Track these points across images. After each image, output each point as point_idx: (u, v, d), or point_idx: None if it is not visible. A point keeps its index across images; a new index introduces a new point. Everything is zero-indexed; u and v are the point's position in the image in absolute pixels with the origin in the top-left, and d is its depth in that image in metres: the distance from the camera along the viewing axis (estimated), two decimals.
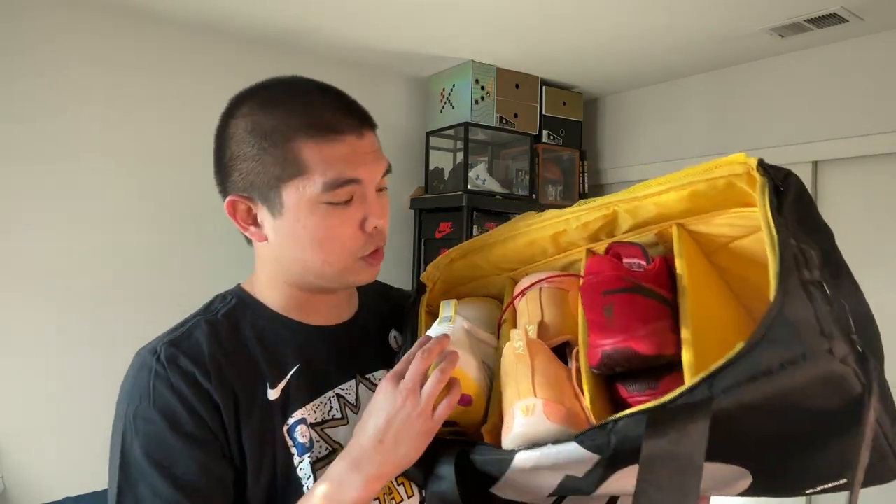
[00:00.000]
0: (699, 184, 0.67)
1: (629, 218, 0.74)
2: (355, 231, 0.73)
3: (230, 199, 0.74)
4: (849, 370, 0.49)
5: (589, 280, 0.67)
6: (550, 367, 0.67)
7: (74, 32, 2.25)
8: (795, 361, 0.49)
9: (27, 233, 2.17)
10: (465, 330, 0.75)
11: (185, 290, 2.57)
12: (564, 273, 0.82)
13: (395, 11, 2.27)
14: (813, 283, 0.53)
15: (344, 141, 0.70)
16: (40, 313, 2.18)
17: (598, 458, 0.57)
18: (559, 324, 0.75)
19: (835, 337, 0.49)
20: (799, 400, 0.51)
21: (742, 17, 2.23)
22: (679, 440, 0.50)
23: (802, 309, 0.51)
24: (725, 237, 0.73)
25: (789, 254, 0.53)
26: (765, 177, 0.60)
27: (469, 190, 2.78)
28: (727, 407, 0.51)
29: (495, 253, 0.85)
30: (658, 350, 0.62)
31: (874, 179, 2.37)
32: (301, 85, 0.75)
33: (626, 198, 0.72)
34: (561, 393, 0.64)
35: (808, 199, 0.62)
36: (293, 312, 0.79)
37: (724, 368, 0.51)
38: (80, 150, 2.27)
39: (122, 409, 0.70)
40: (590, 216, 0.76)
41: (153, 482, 0.66)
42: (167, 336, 0.73)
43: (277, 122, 0.70)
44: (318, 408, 0.74)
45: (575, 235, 0.78)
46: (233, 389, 0.70)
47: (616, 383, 0.67)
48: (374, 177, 0.73)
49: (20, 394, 2.14)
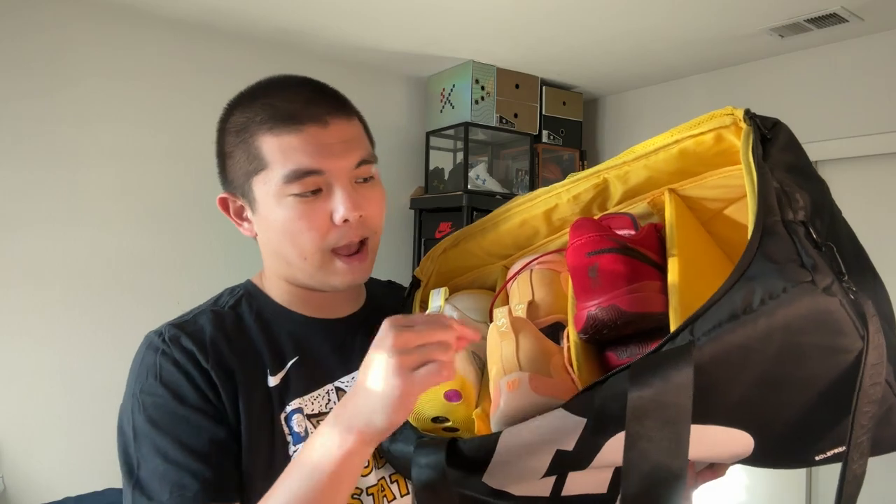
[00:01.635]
0: (687, 140, 0.64)
1: (620, 185, 0.71)
2: (325, 223, 0.71)
3: (220, 196, 0.77)
4: (834, 301, 0.46)
5: (573, 243, 0.64)
6: (537, 341, 0.64)
7: (74, 33, 2.25)
8: (776, 295, 0.46)
9: (28, 233, 2.17)
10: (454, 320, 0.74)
11: (187, 289, 2.58)
12: (556, 250, 0.79)
13: (396, 11, 2.27)
14: (796, 222, 0.50)
15: (303, 131, 0.70)
16: (41, 313, 2.18)
17: (584, 421, 0.55)
18: (550, 303, 0.73)
19: (818, 269, 0.46)
20: (786, 340, 0.48)
21: (742, 17, 2.23)
22: (664, 388, 0.48)
23: (783, 244, 0.48)
24: (719, 201, 0.70)
25: (770, 193, 0.51)
26: (751, 125, 0.57)
27: (469, 190, 2.78)
28: (711, 351, 0.48)
29: (488, 238, 0.83)
30: (644, 307, 0.59)
31: (874, 179, 2.37)
32: (279, 81, 0.76)
33: (616, 163, 0.70)
34: (548, 366, 0.62)
35: (797, 149, 0.59)
36: (296, 306, 0.79)
37: (704, 311, 0.49)
38: (81, 150, 2.26)
39: (130, 388, 0.71)
40: (580, 187, 0.73)
41: (163, 448, 0.66)
42: (174, 320, 0.75)
43: (246, 119, 0.72)
44: (316, 399, 0.74)
45: (566, 210, 0.76)
46: (232, 373, 0.71)
47: (606, 352, 0.65)
48: (342, 167, 0.71)
49: (20, 394, 2.14)
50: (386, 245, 0.79)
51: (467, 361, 0.70)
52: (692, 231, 0.70)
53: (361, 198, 0.73)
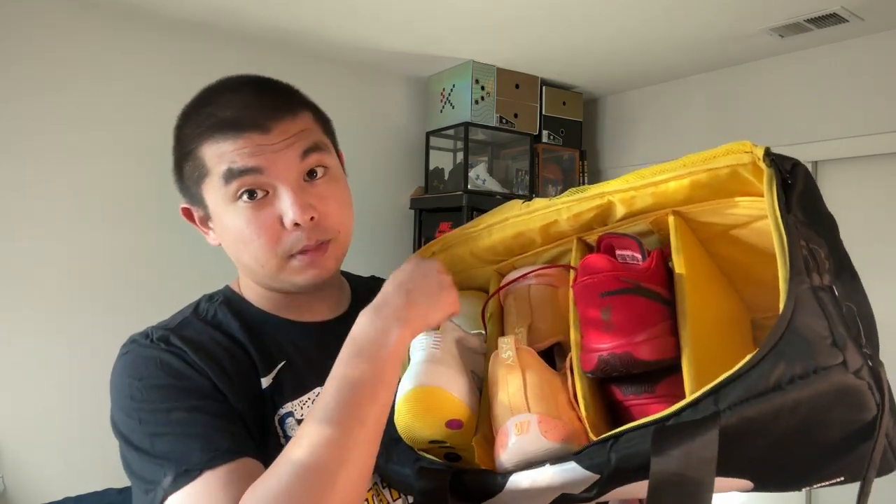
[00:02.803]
0: (700, 174, 0.63)
1: (624, 208, 0.70)
2: (273, 229, 0.68)
3: (182, 206, 0.77)
4: (863, 384, 0.47)
5: (585, 281, 0.63)
6: (543, 377, 0.63)
7: (75, 32, 2.25)
8: (806, 375, 0.47)
9: (28, 233, 2.17)
10: (453, 340, 0.71)
11: (187, 290, 2.57)
12: (553, 265, 0.78)
13: (396, 11, 2.27)
14: (823, 288, 0.50)
15: (241, 136, 0.67)
16: (40, 313, 2.19)
17: (597, 477, 0.55)
18: (549, 324, 0.72)
19: (847, 348, 0.47)
20: (809, 414, 0.48)
21: (742, 17, 2.23)
22: (687, 461, 0.48)
23: (813, 319, 0.48)
24: (724, 225, 0.69)
25: (799, 258, 0.51)
26: (772, 168, 0.56)
27: (469, 190, 2.78)
28: (735, 423, 0.49)
29: (481, 245, 0.81)
30: (659, 356, 0.60)
31: (874, 179, 2.37)
32: (221, 86, 0.73)
33: (623, 188, 0.68)
34: (556, 405, 0.61)
35: (814, 189, 0.59)
36: (277, 310, 0.78)
37: (731, 381, 0.49)
38: (81, 150, 2.27)
39: (121, 388, 0.67)
40: (582, 206, 0.71)
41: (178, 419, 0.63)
42: (156, 325, 0.73)
43: (189, 130, 0.71)
44: (305, 405, 0.73)
45: (565, 226, 0.75)
46: (227, 372, 0.69)
47: (610, 385, 0.64)
48: (285, 163, 0.68)
49: (20, 394, 2.14)
50: (386, 245, 0.79)
51: (469, 388, 0.68)
52: (698, 260, 0.69)
53: (313, 197, 0.69)
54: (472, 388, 0.69)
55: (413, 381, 0.66)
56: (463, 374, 0.68)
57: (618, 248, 0.67)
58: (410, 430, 0.66)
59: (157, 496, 0.59)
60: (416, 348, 0.71)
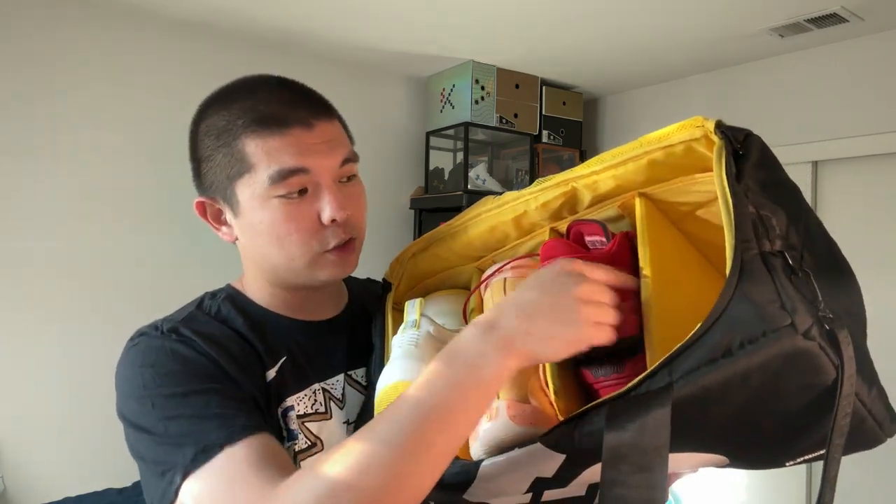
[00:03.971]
0: (656, 152, 0.63)
1: (589, 193, 0.71)
2: (313, 224, 0.71)
3: (197, 200, 0.76)
4: (814, 345, 0.46)
5: (545, 265, 0.63)
6: None
7: (74, 32, 2.25)
8: (755, 339, 0.46)
9: (27, 232, 2.17)
10: (430, 336, 0.72)
11: (187, 289, 2.57)
12: (529, 254, 0.79)
13: (396, 11, 2.27)
14: (773, 253, 0.50)
15: (289, 133, 0.69)
16: (41, 314, 2.18)
17: (563, 457, 0.55)
18: None
19: (797, 311, 0.46)
20: (765, 380, 0.48)
21: (742, 17, 2.23)
22: (641, 432, 0.48)
23: (761, 283, 0.48)
24: (690, 204, 0.70)
25: (746, 223, 0.51)
26: (722, 140, 0.56)
27: (469, 190, 2.78)
28: (689, 393, 0.48)
29: (458, 242, 0.82)
30: (619, 333, 0.59)
31: (874, 179, 2.37)
32: (255, 82, 0.75)
33: (584, 173, 0.69)
34: (525, 390, 0.61)
35: (771, 160, 0.59)
36: (280, 309, 0.79)
37: (682, 352, 0.49)
38: (80, 150, 2.26)
39: (134, 378, 0.67)
40: (548, 195, 0.72)
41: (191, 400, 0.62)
42: (164, 318, 0.74)
43: (226, 122, 0.71)
44: (302, 400, 0.74)
45: (536, 216, 0.75)
46: (238, 362, 0.69)
47: (582, 368, 0.65)
48: (327, 166, 0.71)
49: (20, 394, 2.14)
50: (386, 245, 0.79)
51: None
52: (664, 234, 0.69)
53: (346, 198, 0.73)
54: None
55: (389, 377, 0.67)
56: None
57: (586, 234, 0.68)
58: None
59: (175, 475, 0.58)
60: (395, 346, 0.71)
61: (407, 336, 0.71)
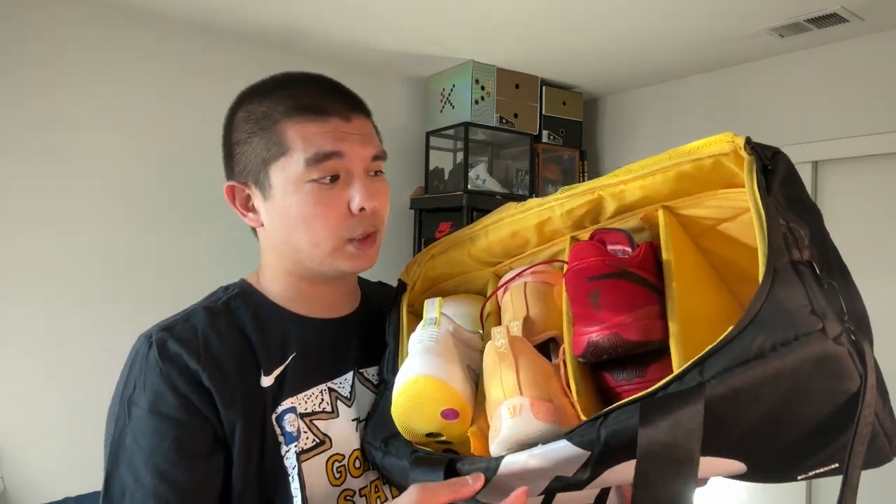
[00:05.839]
0: (685, 165, 0.65)
1: (614, 202, 0.72)
2: (342, 211, 0.73)
3: (228, 185, 0.78)
4: (843, 350, 0.48)
5: (574, 267, 0.64)
6: (536, 364, 0.64)
7: (72, 32, 2.25)
8: (787, 342, 0.47)
9: (27, 232, 2.17)
10: (449, 334, 0.72)
11: (186, 288, 2.57)
12: (549, 260, 0.79)
13: (395, 11, 2.28)
14: (803, 262, 0.52)
15: (327, 121, 0.72)
16: (40, 313, 2.18)
17: (588, 454, 0.55)
18: (544, 319, 0.73)
19: (827, 316, 0.48)
20: (793, 384, 0.49)
21: (742, 17, 2.23)
22: (675, 430, 0.49)
23: (793, 289, 0.49)
24: (712, 219, 0.71)
25: (778, 234, 0.52)
26: (752, 155, 0.58)
27: (469, 190, 2.78)
28: (720, 393, 0.49)
29: (478, 246, 0.83)
30: (645, 336, 0.60)
31: (874, 179, 2.37)
32: (297, 75, 0.78)
33: (611, 182, 0.70)
34: (548, 389, 0.62)
35: (796, 179, 0.60)
36: (293, 304, 0.79)
37: (714, 353, 0.50)
38: (80, 150, 2.26)
39: (117, 393, 0.71)
40: (574, 202, 0.73)
41: (136, 470, 0.66)
42: (164, 322, 0.75)
43: (266, 108, 0.74)
44: (309, 399, 0.74)
45: (559, 223, 0.76)
46: (224, 371, 0.71)
47: (602, 372, 0.65)
48: (361, 155, 0.74)
49: (20, 393, 2.14)
50: (386, 245, 0.80)
51: (465, 379, 0.69)
52: (685, 249, 0.70)
53: (375, 190, 0.75)
54: (468, 381, 0.70)
55: (409, 371, 0.67)
56: (458, 365, 0.69)
57: (609, 242, 0.68)
58: (407, 421, 0.68)
59: None
60: (414, 342, 0.72)
61: (427, 332, 0.72)
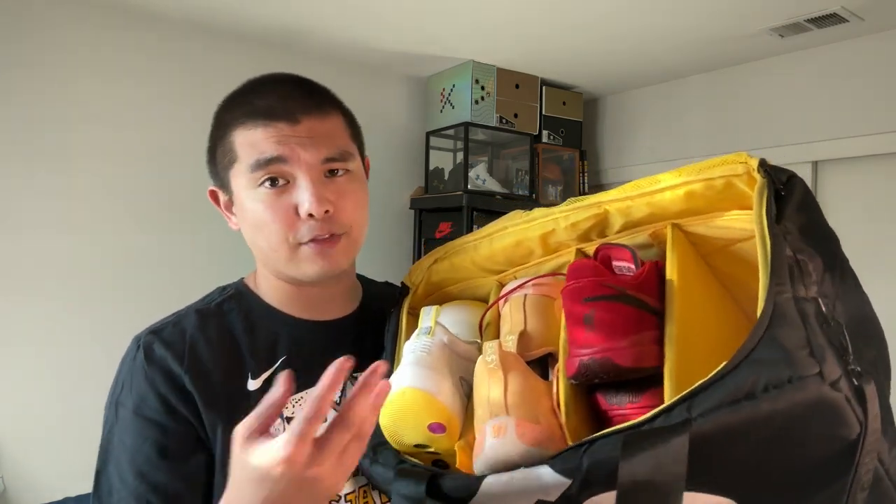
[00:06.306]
0: (695, 183, 0.63)
1: (621, 218, 0.70)
2: (288, 216, 0.71)
3: (209, 189, 0.79)
4: (840, 397, 0.45)
5: (569, 286, 0.62)
6: (526, 382, 0.62)
7: (70, 32, 2.25)
8: (781, 384, 0.45)
9: (26, 232, 2.17)
10: (443, 345, 0.70)
11: (185, 288, 2.58)
12: (553, 273, 0.77)
13: (396, 12, 2.27)
14: (807, 299, 0.49)
15: (270, 125, 0.71)
16: (40, 312, 2.18)
17: (569, 482, 0.53)
18: (543, 334, 0.71)
19: (825, 359, 0.46)
20: (785, 427, 0.47)
21: (742, 17, 2.23)
22: (656, 467, 0.47)
23: (792, 327, 0.47)
24: (724, 240, 0.68)
25: (783, 266, 0.50)
26: (765, 178, 0.56)
27: (469, 190, 2.78)
28: (708, 431, 0.47)
29: (480, 254, 0.81)
30: (638, 363, 0.58)
31: (874, 179, 2.37)
32: (265, 79, 0.77)
33: (619, 197, 0.68)
34: (536, 410, 0.60)
35: (812, 204, 0.58)
36: (287, 306, 0.79)
37: (704, 389, 0.48)
38: (80, 150, 2.26)
39: (109, 396, 0.73)
40: (579, 216, 0.71)
41: (122, 469, 0.68)
42: (155, 324, 0.76)
43: (226, 115, 0.75)
44: (295, 402, 0.74)
45: (564, 235, 0.74)
46: (210, 375, 0.71)
47: (597, 393, 0.63)
48: (307, 159, 0.71)
49: (20, 393, 2.14)
50: (386, 245, 0.79)
51: (454, 393, 0.67)
52: (693, 268, 0.68)
53: (331, 192, 0.72)
54: (459, 394, 0.68)
55: (398, 382, 0.66)
56: (449, 378, 0.68)
57: (614, 258, 0.67)
58: (394, 433, 0.66)
59: None
60: (407, 352, 0.70)
61: (420, 343, 0.70)
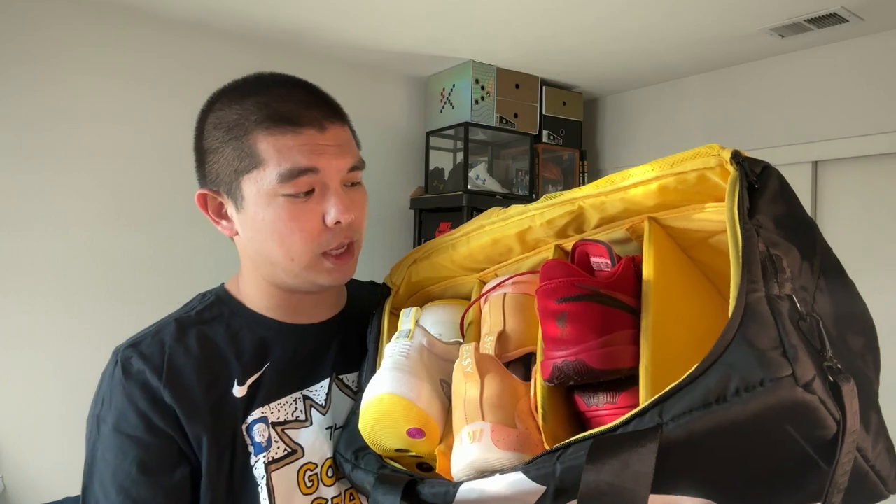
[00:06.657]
0: (668, 178, 0.61)
1: (596, 213, 0.69)
2: (316, 225, 0.71)
3: (199, 192, 0.75)
4: (813, 398, 0.44)
5: (543, 286, 0.61)
6: (503, 385, 0.61)
7: (69, 32, 2.25)
8: (752, 387, 0.44)
9: (27, 232, 2.17)
10: (422, 348, 0.70)
11: (184, 288, 2.57)
12: (533, 270, 0.76)
13: (395, 11, 2.27)
14: (781, 297, 0.48)
15: (301, 133, 0.69)
16: (40, 313, 2.18)
17: (543, 489, 0.52)
18: (522, 333, 0.70)
19: (798, 360, 0.44)
20: (759, 430, 0.45)
21: (742, 17, 2.23)
22: (622, 472, 0.46)
23: (764, 327, 0.46)
24: (703, 232, 0.67)
25: (755, 264, 0.49)
26: (738, 171, 0.54)
27: (469, 190, 2.78)
28: (678, 437, 0.46)
29: (459, 253, 0.81)
30: (612, 364, 0.57)
31: (874, 179, 2.37)
32: (270, 79, 0.74)
33: (592, 192, 0.67)
34: (513, 413, 0.59)
35: (788, 195, 0.56)
36: (272, 311, 0.78)
37: (674, 393, 0.47)
38: (78, 149, 2.26)
39: (90, 410, 0.72)
40: (554, 213, 0.71)
41: (105, 486, 0.68)
42: (134, 336, 0.75)
43: (239, 116, 0.71)
44: (282, 407, 0.73)
45: (541, 232, 0.73)
46: (190, 388, 0.70)
47: (575, 394, 0.62)
48: (337, 168, 0.71)
49: (20, 393, 2.14)
50: (385, 245, 0.79)
51: (433, 397, 0.67)
52: (672, 261, 0.67)
53: (351, 201, 0.73)
54: (439, 397, 0.68)
55: (375, 389, 0.65)
56: (427, 382, 0.67)
57: (592, 255, 0.66)
58: (374, 438, 0.66)
59: None
60: (386, 354, 0.70)
61: (399, 346, 0.69)
